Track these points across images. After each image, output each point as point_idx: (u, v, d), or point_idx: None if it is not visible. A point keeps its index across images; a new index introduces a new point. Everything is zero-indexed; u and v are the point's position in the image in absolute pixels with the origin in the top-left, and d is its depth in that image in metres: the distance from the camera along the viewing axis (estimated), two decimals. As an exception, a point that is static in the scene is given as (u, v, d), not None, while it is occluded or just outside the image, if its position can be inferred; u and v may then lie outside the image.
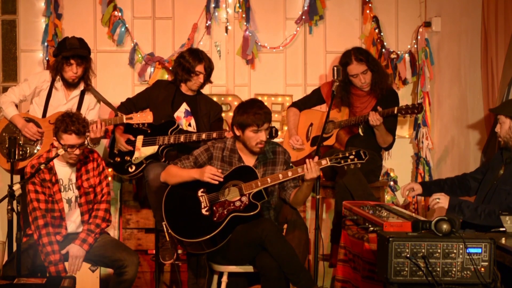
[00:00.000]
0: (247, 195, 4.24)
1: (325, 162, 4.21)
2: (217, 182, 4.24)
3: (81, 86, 5.04)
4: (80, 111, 4.85)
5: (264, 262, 4.03)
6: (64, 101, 5.02)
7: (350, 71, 5.08)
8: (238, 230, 4.19)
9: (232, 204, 4.25)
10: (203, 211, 4.26)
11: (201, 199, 4.29)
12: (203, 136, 4.83)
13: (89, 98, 5.07)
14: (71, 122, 4.19)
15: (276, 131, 4.64)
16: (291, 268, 3.99)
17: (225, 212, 4.22)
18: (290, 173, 4.25)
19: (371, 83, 5.10)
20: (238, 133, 4.31)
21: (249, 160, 4.39)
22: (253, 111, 4.24)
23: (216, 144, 4.43)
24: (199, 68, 5.03)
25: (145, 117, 4.86)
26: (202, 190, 4.30)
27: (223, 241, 4.18)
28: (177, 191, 4.35)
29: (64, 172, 4.35)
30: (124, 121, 4.88)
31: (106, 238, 4.38)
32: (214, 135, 4.79)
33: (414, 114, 4.99)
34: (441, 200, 3.99)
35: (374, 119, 4.87)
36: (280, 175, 4.25)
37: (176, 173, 4.34)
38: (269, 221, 4.23)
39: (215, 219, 4.21)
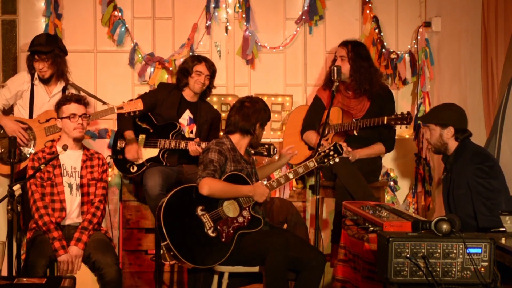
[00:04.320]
0: (247, 208, 4.23)
1: (312, 165, 4.31)
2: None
3: (62, 83, 5.13)
4: None
5: (272, 262, 4.03)
6: (47, 98, 5.11)
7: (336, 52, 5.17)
8: (246, 239, 4.18)
9: (235, 221, 4.20)
10: (209, 232, 4.14)
11: (203, 218, 4.16)
12: (202, 145, 4.84)
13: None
14: (67, 95, 4.43)
15: (274, 148, 4.66)
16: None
17: (231, 231, 4.17)
18: (282, 180, 4.31)
19: (350, 77, 5.05)
20: (258, 131, 4.35)
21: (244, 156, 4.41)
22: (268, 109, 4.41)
23: (222, 146, 4.26)
24: (199, 68, 5.05)
25: (135, 104, 4.83)
26: (201, 207, 4.18)
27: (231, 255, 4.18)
28: (174, 209, 4.15)
29: (68, 159, 4.36)
30: (116, 111, 4.86)
31: (93, 237, 4.30)
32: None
33: (403, 125, 4.96)
34: None
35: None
36: (275, 182, 4.28)
37: (229, 190, 4.19)
38: (281, 234, 4.19)
39: (223, 239, 4.15)
